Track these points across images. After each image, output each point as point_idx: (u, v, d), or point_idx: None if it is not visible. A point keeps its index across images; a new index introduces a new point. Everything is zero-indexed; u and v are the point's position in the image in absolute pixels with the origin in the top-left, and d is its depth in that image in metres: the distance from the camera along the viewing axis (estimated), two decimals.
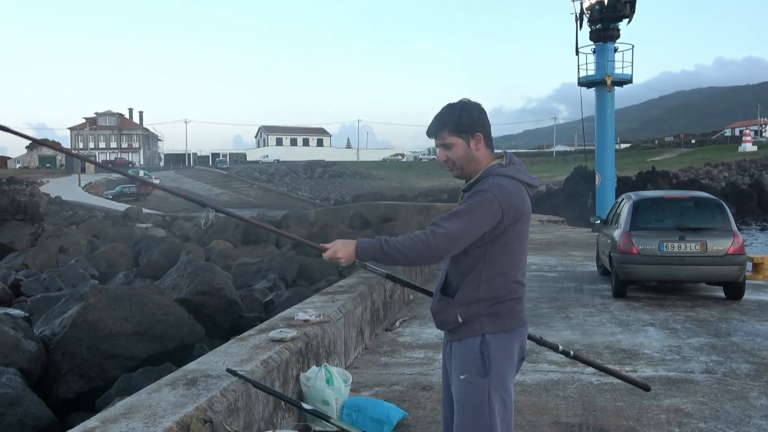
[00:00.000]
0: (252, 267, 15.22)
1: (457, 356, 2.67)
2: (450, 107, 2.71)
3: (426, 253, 2.53)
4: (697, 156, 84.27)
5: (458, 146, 2.68)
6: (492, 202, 2.53)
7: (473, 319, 2.62)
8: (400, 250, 2.54)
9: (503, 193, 2.56)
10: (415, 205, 28.61)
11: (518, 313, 2.68)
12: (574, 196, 38.07)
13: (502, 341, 2.62)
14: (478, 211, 2.53)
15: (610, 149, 24.12)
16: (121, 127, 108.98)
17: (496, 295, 2.61)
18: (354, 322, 6.08)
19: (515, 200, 2.58)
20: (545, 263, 13.64)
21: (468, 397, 2.60)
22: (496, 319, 2.62)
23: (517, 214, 2.59)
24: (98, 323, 7.91)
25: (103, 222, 29.53)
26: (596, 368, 3.44)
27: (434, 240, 2.51)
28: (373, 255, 2.60)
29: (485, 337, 2.60)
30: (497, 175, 2.62)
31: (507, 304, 2.63)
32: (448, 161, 2.72)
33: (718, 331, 7.25)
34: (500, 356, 2.60)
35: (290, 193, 77.34)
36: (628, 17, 22.09)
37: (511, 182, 2.62)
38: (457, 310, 2.64)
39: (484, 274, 2.61)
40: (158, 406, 3.06)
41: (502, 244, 2.60)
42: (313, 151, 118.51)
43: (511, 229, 2.60)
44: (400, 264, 2.67)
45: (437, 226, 2.54)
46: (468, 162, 2.70)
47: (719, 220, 9.27)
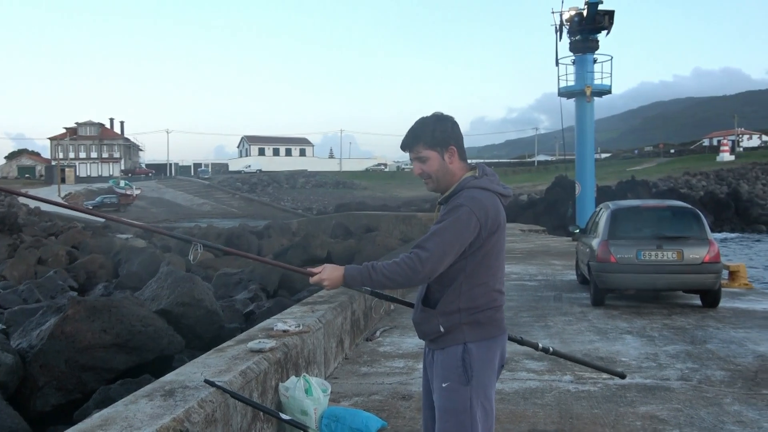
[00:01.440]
0: (233, 277, 15.15)
1: (439, 364, 2.71)
2: (423, 121, 2.75)
3: (413, 277, 2.59)
4: (676, 165, 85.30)
5: (433, 159, 2.72)
6: (469, 216, 2.58)
7: (455, 328, 2.66)
8: (387, 276, 2.60)
9: (479, 206, 2.61)
10: (397, 215, 28.70)
11: (499, 321, 2.73)
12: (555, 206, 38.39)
13: (484, 349, 2.67)
14: (457, 227, 2.58)
15: (589, 159, 24.36)
16: (102, 137, 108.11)
17: (477, 304, 2.67)
18: (334, 332, 6.09)
19: (491, 212, 2.64)
20: (525, 272, 13.73)
21: (450, 404, 2.63)
22: (478, 327, 2.67)
23: (494, 225, 2.65)
24: (76, 335, 7.85)
25: (83, 233, 29.25)
26: (574, 362, 3.53)
27: (420, 264, 2.56)
28: (361, 282, 2.66)
29: (467, 345, 2.65)
30: (472, 188, 2.67)
31: (488, 313, 2.68)
32: (423, 174, 2.76)
33: (694, 339, 7.34)
34: (482, 364, 2.65)
35: (272, 203, 77.16)
36: (607, 29, 22.39)
37: (486, 194, 2.67)
38: (439, 319, 2.68)
39: (465, 284, 2.66)
40: (135, 417, 3.06)
41: (482, 255, 2.65)
42: (295, 161, 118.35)
43: (489, 240, 2.65)
44: (388, 288, 2.72)
45: (421, 249, 2.59)
46: (443, 175, 2.74)
47: (695, 229, 9.41)
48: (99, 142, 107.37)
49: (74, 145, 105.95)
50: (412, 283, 2.64)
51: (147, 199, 73.36)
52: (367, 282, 2.65)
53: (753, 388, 5.47)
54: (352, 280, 2.67)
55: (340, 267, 2.71)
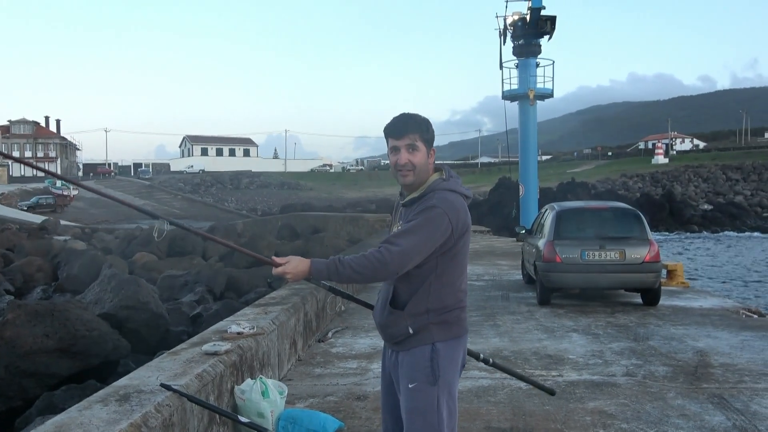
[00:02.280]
0: (178, 280, 14.86)
1: (405, 365, 2.71)
2: (418, 116, 2.79)
3: (382, 271, 2.59)
4: (613, 168, 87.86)
5: (422, 153, 2.75)
6: (442, 217, 2.61)
7: (423, 328, 2.67)
8: (355, 269, 2.59)
9: (451, 208, 2.65)
10: (344, 216, 28.68)
11: (463, 321, 2.78)
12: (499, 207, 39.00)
13: (450, 349, 2.70)
14: (431, 227, 2.60)
15: (532, 161, 24.86)
16: (37, 135, 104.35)
17: (445, 304, 2.69)
18: (287, 333, 6.06)
19: (462, 214, 2.69)
20: (473, 272, 13.90)
21: (418, 404, 2.64)
22: (446, 327, 2.69)
23: (463, 227, 2.70)
24: (17, 340, 7.59)
25: (18, 234, 28.19)
26: (510, 375, 3.58)
27: (390, 258, 2.57)
28: (328, 275, 2.64)
29: (435, 345, 2.67)
30: (442, 190, 2.70)
31: (455, 313, 2.72)
32: (409, 164, 2.74)
33: (636, 336, 7.59)
34: (448, 363, 2.68)
35: (216, 204, 75.89)
36: (549, 34, 22.90)
37: (455, 196, 2.71)
38: (407, 321, 2.69)
39: (434, 285, 2.68)
40: (90, 423, 2.98)
41: (452, 256, 2.69)
42: (239, 162, 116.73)
43: (459, 242, 2.70)
44: (355, 283, 2.71)
45: (391, 244, 2.59)
46: (423, 171, 2.76)
47: (636, 230, 9.72)
48: (33, 141, 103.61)
49: (7, 143, 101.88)
50: (380, 278, 2.65)
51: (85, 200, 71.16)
52: (333, 276, 2.63)
53: (694, 382, 5.69)
54: (318, 273, 2.65)
55: (306, 260, 2.69)
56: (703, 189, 68.68)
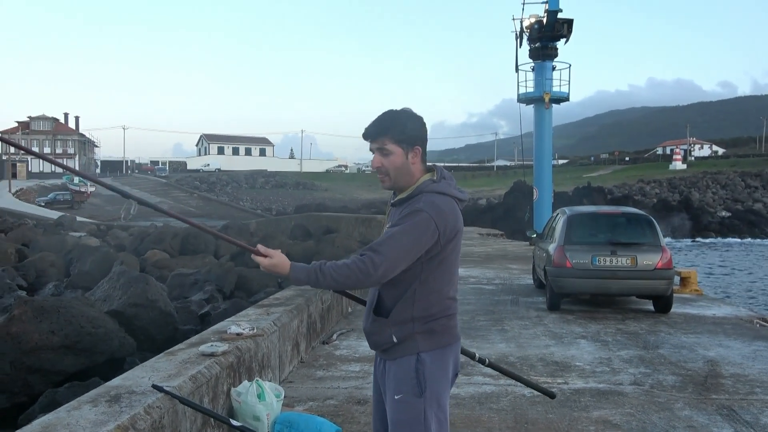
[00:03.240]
0: (188, 278, 14.87)
1: (391, 376, 2.61)
2: (394, 114, 2.63)
3: (364, 280, 2.47)
4: (631, 173, 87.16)
5: (396, 155, 2.60)
6: (428, 222, 2.48)
7: (408, 337, 2.56)
8: (336, 279, 2.48)
9: (438, 212, 2.51)
10: (357, 217, 28.61)
11: (452, 328, 2.65)
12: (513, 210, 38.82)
13: (437, 358, 2.58)
14: (415, 232, 2.48)
15: (547, 165, 24.63)
16: (56, 132, 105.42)
17: (431, 312, 2.58)
18: (289, 335, 6.01)
19: (450, 218, 2.55)
20: (483, 276, 13.80)
21: (404, 417, 2.54)
22: (431, 336, 2.58)
23: (452, 231, 2.56)
24: (23, 336, 7.59)
25: (34, 230, 28.41)
26: (509, 376, 3.47)
27: (372, 267, 2.45)
28: (307, 282, 2.52)
29: (420, 355, 2.56)
30: (430, 192, 2.56)
31: (441, 321, 2.60)
32: (382, 168, 2.64)
33: (646, 344, 7.46)
34: (435, 374, 2.57)
35: (231, 202, 76.23)
36: (566, 37, 22.66)
37: (445, 199, 2.57)
38: (391, 329, 2.58)
39: (419, 292, 2.57)
40: (77, 424, 2.93)
41: (438, 262, 2.56)
42: (255, 161, 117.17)
43: (447, 247, 2.56)
44: (336, 290, 2.62)
45: (374, 252, 2.47)
46: (402, 174, 2.63)
47: (649, 236, 9.58)
48: (53, 137, 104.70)
49: (26, 139, 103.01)
50: (362, 287, 2.54)
51: (102, 196, 71.75)
52: (313, 284, 2.51)
53: (703, 393, 5.57)
54: (297, 281, 2.54)
55: (287, 262, 2.56)
56: (721, 196, 67.95)
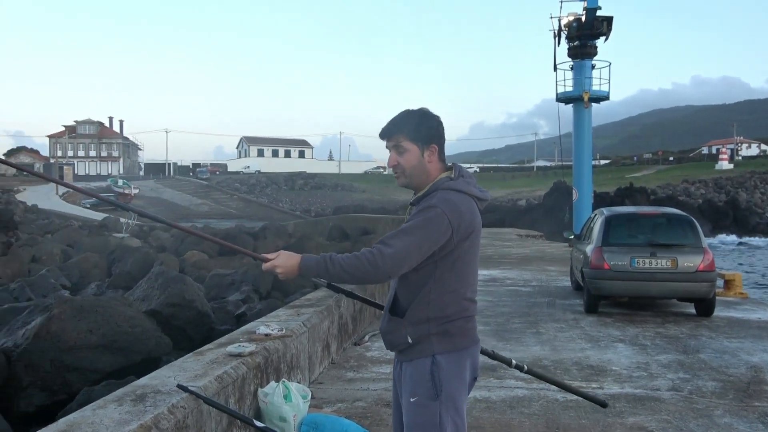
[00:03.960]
0: (226, 278, 15.03)
1: (407, 378, 2.57)
2: (410, 113, 2.63)
3: (372, 273, 2.43)
4: (675, 173, 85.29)
5: (411, 153, 2.59)
6: (441, 218, 2.44)
7: (423, 339, 2.52)
8: (345, 269, 2.44)
9: (452, 208, 2.47)
10: (394, 218, 28.57)
11: (469, 331, 2.59)
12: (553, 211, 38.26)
13: (453, 361, 2.53)
14: (427, 228, 2.44)
15: (587, 165, 24.24)
16: (101, 135, 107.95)
17: (447, 313, 2.53)
18: (320, 336, 6.00)
19: (465, 215, 2.50)
20: (520, 278, 13.64)
21: (419, 420, 2.50)
22: (447, 338, 2.53)
23: (467, 229, 2.51)
24: (62, 335, 7.74)
25: (79, 231, 29.13)
26: (551, 383, 3.37)
27: (381, 260, 2.41)
28: (317, 273, 2.50)
29: (435, 357, 2.51)
30: (446, 189, 2.53)
31: (458, 323, 2.54)
32: (398, 167, 2.63)
33: (686, 348, 7.25)
34: (451, 377, 2.51)
35: (271, 204, 77.01)
36: (605, 35, 22.27)
37: (461, 196, 2.53)
38: (407, 330, 2.54)
39: (434, 292, 2.52)
40: (101, 423, 2.95)
41: (452, 260, 2.52)
42: (294, 163, 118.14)
43: (462, 246, 2.51)
44: (346, 283, 2.59)
45: (384, 245, 2.44)
46: (418, 172, 2.61)
47: (690, 237, 9.32)
48: (98, 141, 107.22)
49: (73, 143, 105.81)
50: (371, 280, 2.49)
51: (145, 198, 73.22)
52: (323, 274, 2.48)
53: (744, 399, 5.38)
54: (307, 270, 2.50)
55: (297, 255, 2.55)
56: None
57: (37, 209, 48.30)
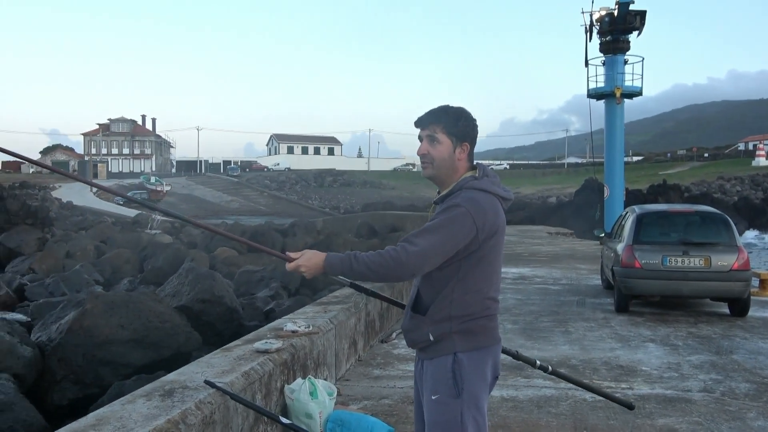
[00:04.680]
0: (255, 275, 15.17)
1: (428, 375, 2.58)
2: (449, 108, 2.66)
3: (397, 271, 2.44)
4: (710, 170, 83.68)
5: (444, 146, 2.61)
6: (465, 217, 2.45)
7: (445, 336, 2.53)
8: (369, 267, 2.45)
9: (477, 208, 2.48)
10: (422, 216, 28.51)
11: (491, 330, 2.59)
12: (584, 209, 37.81)
13: (475, 360, 2.53)
14: (452, 227, 2.45)
15: (619, 162, 23.91)
16: (134, 133, 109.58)
17: (469, 312, 2.53)
18: (346, 333, 6.01)
19: (489, 215, 2.51)
20: (550, 276, 13.52)
21: (440, 418, 2.50)
22: (469, 336, 2.53)
23: (491, 229, 2.51)
24: (94, 330, 7.88)
25: (112, 228, 29.60)
26: (576, 384, 3.33)
27: (405, 257, 2.42)
28: (342, 271, 2.51)
29: (457, 355, 2.51)
30: (470, 189, 2.54)
31: (480, 321, 2.55)
32: (427, 156, 2.63)
33: (719, 349, 7.12)
34: (473, 375, 2.51)
35: (300, 201, 77.50)
36: (638, 29, 21.91)
37: (485, 196, 2.54)
38: (429, 327, 2.55)
39: (457, 290, 2.53)
40: (129, 417, 3.00)
41: (476, 259, 2.52)
42: (323, 160, 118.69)
43: (486, 245, 2.51)
44: (370, 281, 2.59)
45: (409, 243, 2.45)
46: (446, 166, 2.62)
47: (724, 235, 9.14)
48: (131, 139, 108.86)
49: (107, 141, 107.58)
50: (395, 278, 2.49)
51: (177, 195, 74.19)
52: (347, 272, 2.50)
53: None
54: (331, 268, 2.52)
55: (321, 253, 2.57)
56: None
57: (71, 206, 49.20)
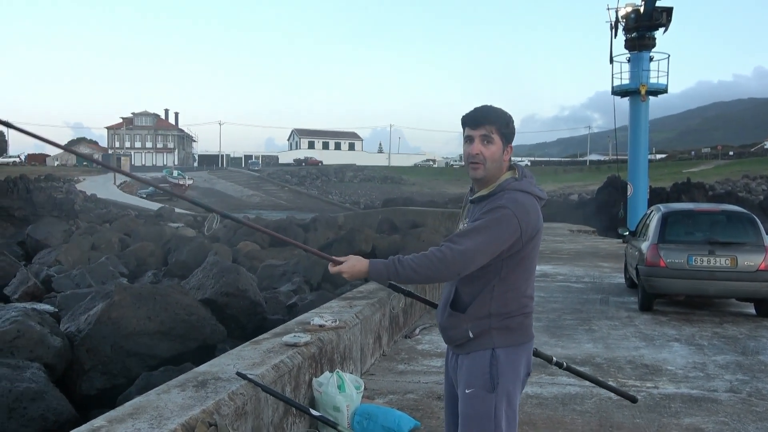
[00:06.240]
0: (278, 269, 15.27)
1: (464, 369, 2.63)
2: (498, 109, 2.68)
3: (443, 271, 2.47)
4: (735, 168, 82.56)
5: (496, 147, 2.63)
6: (511, 219, 2.49)
7: (484, 333, 2.58)
8: (415, 269, 2.48)
9: (521, 209, 2.52)
10: (443, 212, 28.51)
11: (527, 327, 2.65)
12: (607, 207, 37.54)
13: (511, 356, 2.58)
14: (497, 228, 2.48)
15: (643, 159, 23.70)
16: (157, 127, 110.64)
17: (508, 310, 2.58)
18: (371, 328, 6.06)
19: (532, 216, 2.56)
20: (572, 274, 13.47)
21: (474, 411, 2.55)
22: (507, 333, 2.58)
23: (533, 230, 2.57)
24: (122, 321, 8.00)
25: (136, 220, 29.93)
26: (586, 379, 3.36)
27: (451, 257, 2.45)
28: (387, 276, 2.55)
29: (495, 351, 2.56)
30: (513, 190, 2.58)
31: (518, 319, 2.60)
32: (480, 156, 2.63)
33: (745, 349, 7.06)
34: (508, 371, 2.56)
35: (321, 196, 77.75)
36: (665, 26, 21.68)
37: (527, 197, 2.58)
38: (468, 324, 2.60)
39: (498, 289, 2.57)
40: (165, 407, 3.07)
41: (518, 259, 2.57)
42: (344, 155, 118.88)
43: (528, 246, 2.57)
44: (415, 283, 2.63)
45: (454, 243, 2.49)
46: (495, 166, 2.64)
47: (751, 235, 9.05)
48: (154, 132, 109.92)
49: (130, 134, 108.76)
50: (441, 279, 2.53)
51: (199, 189, 74.76)
52: (393, 276, 2.53)
53: None
54: (377, 274, 2.55)
55: (365, 260, 2.61)
56: None
57: (96, 199, 49.83)
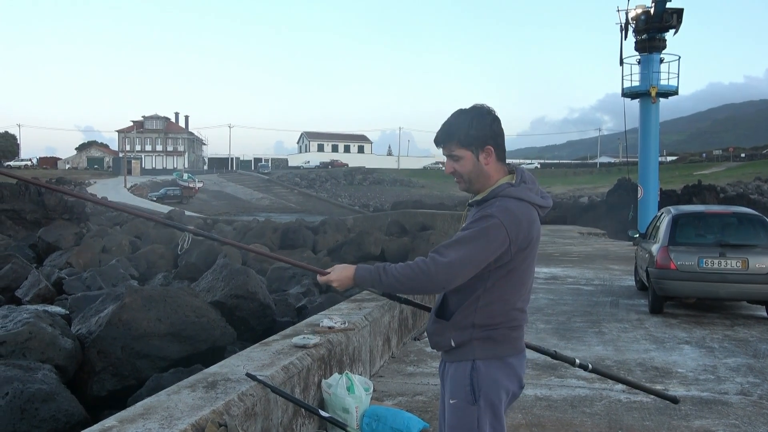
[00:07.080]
0: (287, 272, 15.33)
1: (449, 378, 2.57)
2: (460, 115, 2.52)
3: (426, 283, 2.39)
4: (747, 170, 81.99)
5: (466, 159, 2.51)
6: (498, 229, 2.36)
7: (466, 343, 2.49)
8: (399, 279, 2.42)
9: (511, 218, 2.38)
10: (453, 214, 28.48)
11: (514, 340, 2.53)
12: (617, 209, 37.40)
13: (494, 368, 2.48)
14: (484, 239, 2.36)
15: (653, 162, 23.60)
16: (168, 130, 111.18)
17: (494, 321, 2.48)
18: (381, 330, 6.07)
19: (524, 226, 2.42)
20: (582, 276, 13.43)
21: (458, 422, 2.51)
22: (490, 344, 2.48)
23: (525, 241, 2.43)
24: (132, 323, 8.06)
25: (146, 223, 30.09)
26: (618, 381, 3.33)
27: (435, 270, 2.36)
28: (372, 284, 2.50)
29: (475, 362, 2.48)
30: (505, 197, 2.44)
31: (502, 331, 2.49)
32: (455, 174, 2.56)
33: (757, 352, 7.02)
34: (490, 383, 2.47)
35: (330, 199, 77.83)
36: (675, 28, 21.58)
37: (521, 205, 2.44)
38: (451, 333, 2.52)
39: (483, 299, 2.47)
40: (176, 407, 3.09)
41: (507, 270, 2.46)
42: (353, 158, 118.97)
43: (518, 257, 2.45)
44: (400, 293, 2.61)
45: (439, 255, 2.39)
46: (477, 177, 2.53)
47: (762, 237, 9.00)
48: (164, 136, 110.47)
49: (141, 137, 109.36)
50: (425, 290, 2.46)
51: (209, 192, 75.02)
52: (376, 284, 2.48)
53: None
54: (362, 280, 2.51)
55: (351, 266, 2.57)
56: None
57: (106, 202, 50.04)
